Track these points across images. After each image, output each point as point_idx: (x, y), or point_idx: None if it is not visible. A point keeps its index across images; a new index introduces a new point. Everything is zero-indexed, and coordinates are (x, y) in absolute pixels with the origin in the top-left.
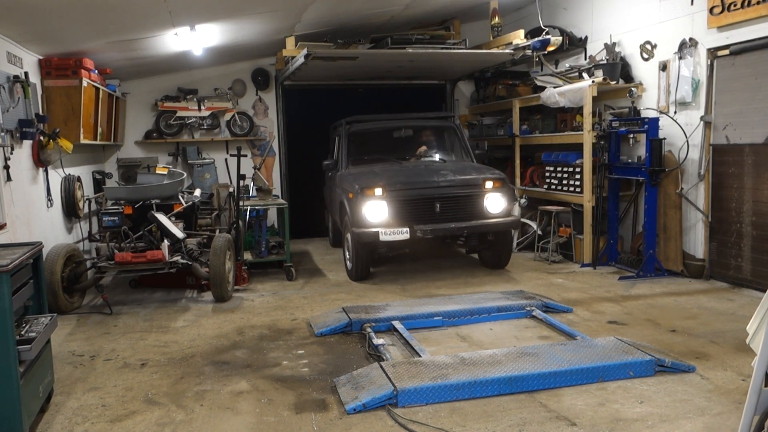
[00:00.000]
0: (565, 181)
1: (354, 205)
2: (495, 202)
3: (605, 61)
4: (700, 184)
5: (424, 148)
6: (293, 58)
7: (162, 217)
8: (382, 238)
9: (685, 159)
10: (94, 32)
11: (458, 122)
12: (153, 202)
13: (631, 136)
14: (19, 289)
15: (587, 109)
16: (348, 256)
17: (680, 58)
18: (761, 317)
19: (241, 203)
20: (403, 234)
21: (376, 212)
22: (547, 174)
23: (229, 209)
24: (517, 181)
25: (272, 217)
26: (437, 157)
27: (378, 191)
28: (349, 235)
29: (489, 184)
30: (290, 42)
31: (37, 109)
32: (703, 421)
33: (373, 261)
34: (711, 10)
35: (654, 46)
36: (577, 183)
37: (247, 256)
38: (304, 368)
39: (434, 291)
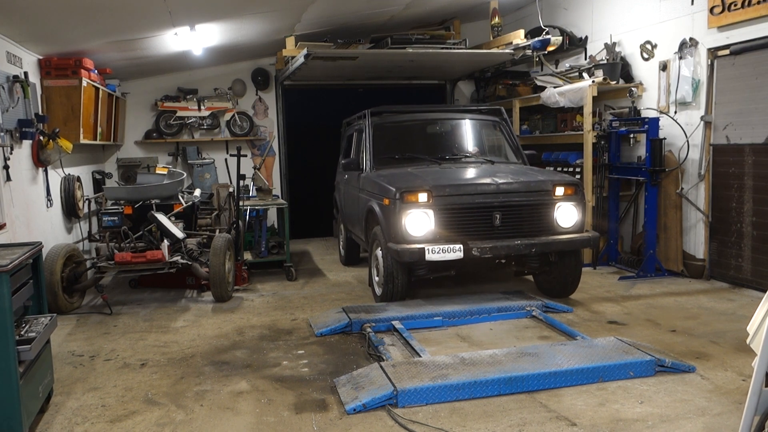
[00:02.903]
0: None
1: (390, 213)
2: (567, 214)
3: (605, 61)
4: (700, 184)
5: (476, 149)
6: (293, 58)
7: (162, 217)
8: (429, 256)
9: (685, 159)
10: (93, 32)
11: (506, 117)
12: (153, 202)
13: (632, 136)
14: (18, 289)
15: (587, 109)
16: (377, 279)
17: (680, 57)
18: (761, 317)
19: (241, 203)
20: (455, 252)
21: (421, 224)
22: None
23: (229, 209)
24: None
25: (272, 217)
26: (468, 154)
27: (422, 197)
28: (379, 252)
29: (560, 191)
30: (290, 42)
31: (37, 109)
32: (704, 421)
33: (410, 284)
34: (711, 10)
35: (654, 46)
36: None
37: (247, 256)
38: (304, 368)
39: (435, 291)
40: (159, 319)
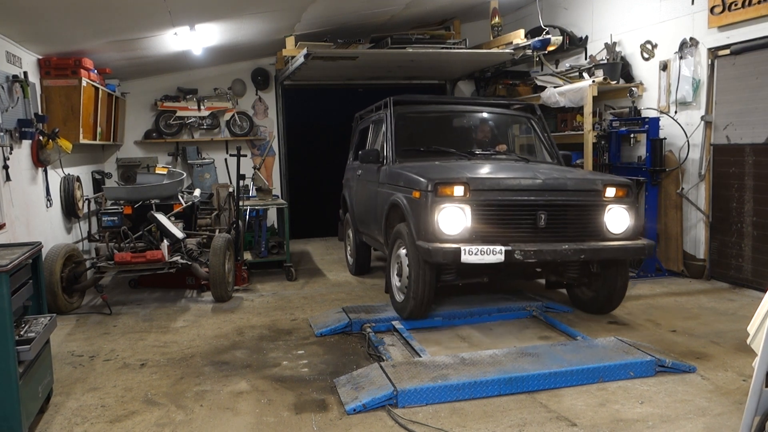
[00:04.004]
0: None
1: (421, 208)
2: (619, 218)
3: (605, 61)
4: (700, 184)
5: (503, 146)
6: (293, 57)
7: (161, 217)
8: (465, 258)
9: (685, 159)
10: (93, 32)
11: (540, 114)
12: (152, 202)
13: (632, 136)
14: (18, 289)
15: (587, 109)
16: (398, 284)
17: (681, 57)
18: (762, 317)
19: (241, 203)
20: (496, 255)
21: (456, 220)
22: None
23: (229, 209)
24: None
25: (272, 217)
26: (499, 150)
27: (458, 190)
28: (403, 252)
29: (611, 192)
30: (290, 42)
31: (37, 108)
32: (704, 421)
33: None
34: (712, 10)
35: (654, 46)
36: None
37: (247, 256)
38: (304, 368)
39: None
40: (159, 319)
